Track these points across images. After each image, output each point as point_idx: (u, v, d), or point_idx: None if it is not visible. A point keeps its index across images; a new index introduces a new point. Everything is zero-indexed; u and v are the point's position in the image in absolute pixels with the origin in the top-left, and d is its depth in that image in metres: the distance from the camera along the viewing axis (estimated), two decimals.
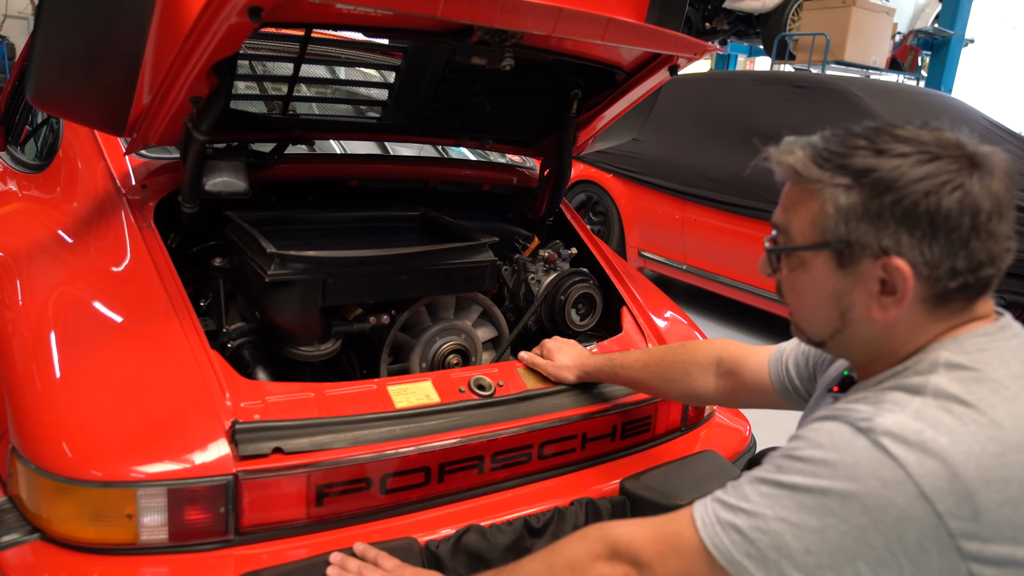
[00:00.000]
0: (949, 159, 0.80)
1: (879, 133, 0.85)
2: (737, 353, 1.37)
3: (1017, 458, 0.75)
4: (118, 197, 1.57)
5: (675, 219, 4.46)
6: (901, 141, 0.83)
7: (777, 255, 0.94)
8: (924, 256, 0.80)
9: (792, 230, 0.90)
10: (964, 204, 0.79)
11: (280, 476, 1.20)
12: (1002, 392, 0.78)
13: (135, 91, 1.39)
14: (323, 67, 2.36)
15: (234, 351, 1.50)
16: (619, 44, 1.43)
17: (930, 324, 0.85)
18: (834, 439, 0.80)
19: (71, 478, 1.12)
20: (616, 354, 1.54)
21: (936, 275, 0.81)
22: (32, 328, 1.33)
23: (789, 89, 4.20)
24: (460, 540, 1.27)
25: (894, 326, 0.86)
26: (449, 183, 2.05)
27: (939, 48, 8.94)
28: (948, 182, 0.79)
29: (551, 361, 1.55)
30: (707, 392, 1.40)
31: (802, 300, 0.93)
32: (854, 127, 0.88)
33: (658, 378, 1.44)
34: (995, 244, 0.81)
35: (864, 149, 0.83)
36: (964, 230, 0.79)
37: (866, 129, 0.86)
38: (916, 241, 0.80)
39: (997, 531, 0.74)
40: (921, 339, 0.86)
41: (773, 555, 0.80)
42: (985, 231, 0.80)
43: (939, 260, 0.80)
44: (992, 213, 0.80)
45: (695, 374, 1.40)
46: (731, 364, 1.36)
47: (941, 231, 0.79)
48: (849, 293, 0.87)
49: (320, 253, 1.41)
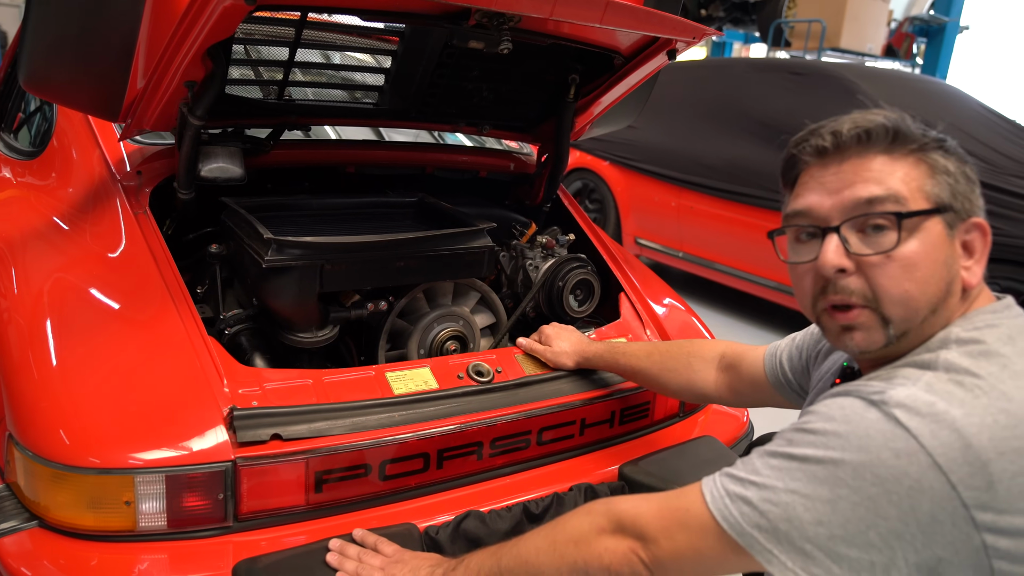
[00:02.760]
0: None
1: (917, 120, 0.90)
2: (739, 349, 1.39)
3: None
4: (113, 183, 1.56)
5: (671, 206, 4.46)
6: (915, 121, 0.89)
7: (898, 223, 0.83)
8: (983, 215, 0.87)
9: (903, 196, 0.83)
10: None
11: (279, 463, 1.20)
12: (1011, 367, 0.79)
13: (129, 75, 1.37)
14: (319, 52, 2.34)
15: (231, 338, 1.49)
16: (617, 27, 1.42)
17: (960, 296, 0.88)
18: (846, 412, 0.80)
19: (69, 465, 1.12)
20: (618, 342, 1.54)
21: None
22: (28, 315, 1.32)
23: (785, 76, 4.19)
24: (459, 526, 1.27)
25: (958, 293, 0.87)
26: (446, 169, 2.05)
27: (934, 35, 8.93)
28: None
29: (549, 347, 1.55)
30: (707, 386, 1.40)
31: (913, 273, 0.83)
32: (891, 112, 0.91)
33: (659, 367, 1.44)
34: None
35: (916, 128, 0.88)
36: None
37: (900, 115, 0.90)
38: (981, 204, 0.88)
39: (1011, 502, 0.74)
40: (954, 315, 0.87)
41: (784, 526, 0.79)
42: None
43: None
44: None
45: (697, 366, 1.41)
46: (732, 359, 1.37)
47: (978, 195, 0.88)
48: (955, 260, 0.87)
49: (317, 239, 1.40)
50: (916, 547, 0.75)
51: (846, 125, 0.87)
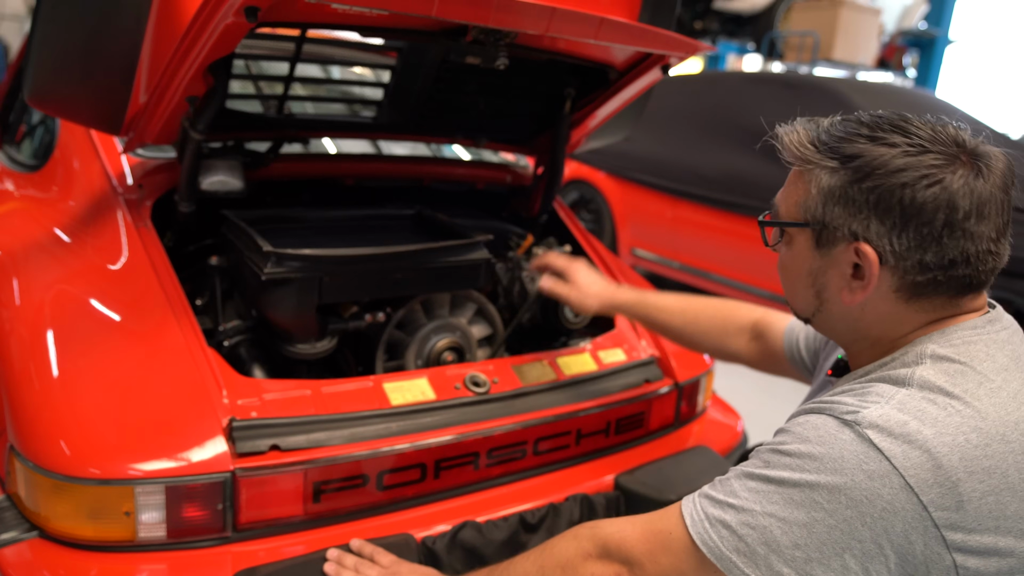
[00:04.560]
0: (937, 154, 0.80)
1: (883, 122, 0.84)
2: (770, 319, 1.40)
3: (1000, 449, 0.76)
4: (114, 196, 1.57)
5: (667, 217, 4.48)
6: (899, 132, 0.82)
7: (779, 231, 0.95)
8: (892, 246, 0.81)
9: (780, 207, 0.94)
10: (940, 200, 0.79)
11: (277, 473, 1.21)
12: (987, 384, 0.79)
13: (131, 91, 1.39)
14: (318, 67, 2.37)
15: (231, 349, 1.51)
16: (612, 43, 1.45)
17: (910, 315, 0.86)
18: (820, 432, 0.80)
19: (69, 476, 1.13)
20: (649, 293, 1.52)
21: (904, 266, 0.82)
22: (29, 327, 1.34)
23: (779, 88, 4.23)
24: (456, 536, 1.28)
25: (869, 311, 0.87)
26: (443, 182, 2.06)
27: (926, 47, 9.01)
28: (927, 176, 0.79)
29: (575, 289, 1.52)
30: (738, 350, 1.42)
31: (786, 275, 0.96)
32: (865, 115, 0.87)
33: (693, 327, 1.45)
34: (972, 244, 0.80)
35: (860, 136, 0.84)
36: (937, 226, 0.79)
37: (873, 118, 0.86)
38: (886, 230, 0.81)
39: (980, 521, 0.75)
40: (903, 328, 0.87)
41: (762, 550, 0.80)
42: (961, 229, 0.79)
43: (907, 252, 0.81)
44: (971, 212, 0.79)
45: (732, 331, 1.42)
46: (763, 328, 1.39)
47: (912, 223, 0.80)
48: (823, 273, 0.89)
49: (316, 251, 1.42)
50: (890, 567, 0.76)
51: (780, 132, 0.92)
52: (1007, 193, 0.82)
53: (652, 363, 1.70)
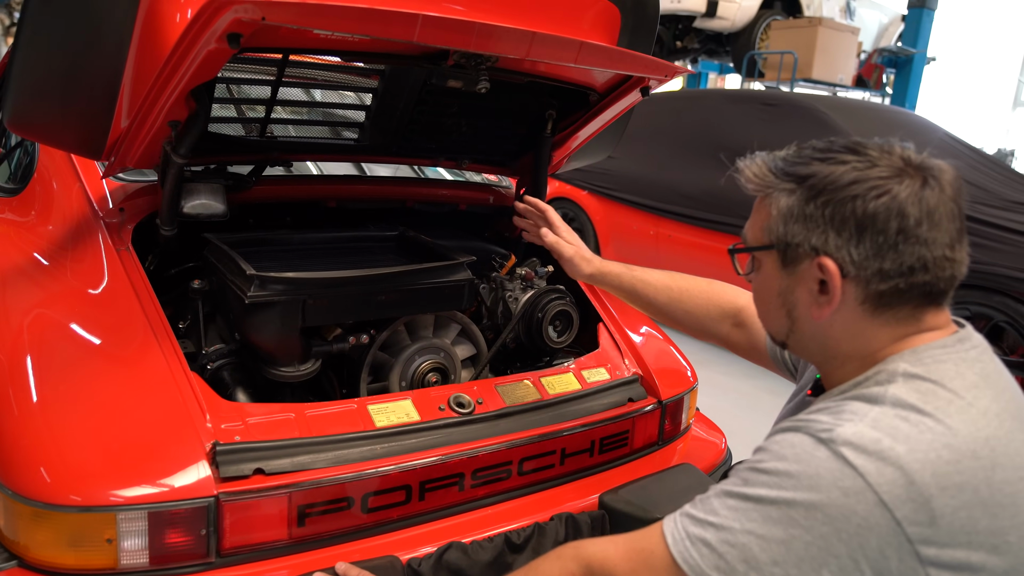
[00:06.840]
0: (885, 167, 0.85)
1: (835, 146, 0.90)
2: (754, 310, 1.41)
3: (971, 465, 0.78)
4: (95, 220, 1.57)
5: (650, 235, 4.52)
6: (850, 152, 0.88)
7: (734, 258, 1.00)
8: (851, 256, 0.85)
9: (748, 235, 0.98)
10: (891, 208, 0.83)
11: (261, 497, 1.20)
12: (957, 402, 0.81)
13: (113, 115, 1.39)
14: (301, 89, 2.38)
15: (214, 373, 1.50)
16: (592, 67, 1.47)
17: (876, 329, 0.88)
18: (796, 451, 0.82)
19: (49, 503, 1.11)
20: (636, 267, 1.53)
21: (865, 276, 0.85)
22: (8, 352, 1.32)
23: (759, 107, 4.29)
24: (442, 557, 1.28)
25: (838, 327, 0.90)
26: (426, 203, 2.07)
27: (903, 66, 9.17)
28: (876, 187, 0.84)
29: (576, 248, 1.53)
30: (721, 335, 1.44)
31: (760, 300, 1.00)
32: (819, 141, 0.92)
33: (677, 305, 1.47)
34: (927, 250, 0.84)
35: (814, 159, 0.89)
36: (891, 233, 0.83)
37: (826, 142, 0.91)
38: (843, 242, 0.85)
39: (953, 536, 0.76)
40: (872, 345, 0.89)
41: (742, 568, 0.81)
42: (914, 236, 0.83)
43: (866, 261, 0.85)
44: (922, 219, 0.83)
45: (715, 315, 1.44)
46: (746, 317, 1.39)
47: (867, 233, 0.84)
48: (792, 292, 0.92)
49: (299, 274, 1.42)
50: None
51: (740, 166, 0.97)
52: (957, 202, 0.87)
53: (635, 382, 1.71)
